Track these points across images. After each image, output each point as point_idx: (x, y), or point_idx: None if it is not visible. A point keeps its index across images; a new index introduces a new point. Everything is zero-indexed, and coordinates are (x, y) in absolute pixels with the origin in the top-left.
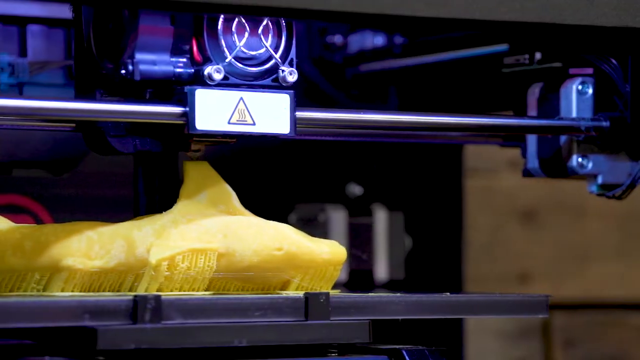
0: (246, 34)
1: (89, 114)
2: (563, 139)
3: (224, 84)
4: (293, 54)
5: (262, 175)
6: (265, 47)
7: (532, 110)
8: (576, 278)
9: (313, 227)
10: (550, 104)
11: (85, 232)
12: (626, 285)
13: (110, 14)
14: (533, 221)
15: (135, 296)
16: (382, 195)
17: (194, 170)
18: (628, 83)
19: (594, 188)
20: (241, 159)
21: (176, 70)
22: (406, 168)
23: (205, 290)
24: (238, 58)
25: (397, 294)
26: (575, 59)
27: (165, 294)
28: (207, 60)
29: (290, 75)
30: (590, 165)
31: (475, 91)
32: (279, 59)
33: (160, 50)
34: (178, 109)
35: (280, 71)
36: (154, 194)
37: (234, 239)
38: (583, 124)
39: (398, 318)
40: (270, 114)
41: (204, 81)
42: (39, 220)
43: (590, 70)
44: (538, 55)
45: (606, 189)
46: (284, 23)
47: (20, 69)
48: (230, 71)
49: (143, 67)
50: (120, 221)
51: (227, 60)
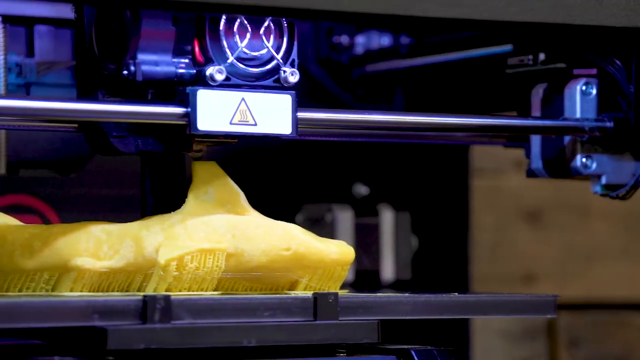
0: (248, 34)
1: (91, 114)
2: (567, 139)
3: (225, 85)
4: (295, 54)
5: (269, 175)
6: (267, 48)
7: (536, 110)
8: (581, 278)
9: (320, 227)
10: (554, 105)
11: (93, 232)
12: (631, 285)
13: (113, 14)
14: (538, 221)
15: (144, 296)
16: (389, 196)
17: (202, 170)
18: (632, 84)
19: (597, 188)
20: (248, 160)
21: (178, 70)
22: (412, 168)
23: (213, 291)
24: (240, 59)
25: (406, 294)
26: (579, 60)
27: (174, 294)
28: (209, 61)
29: (291, 75)
30: (594, 165)
31: (480, 92)
32: (281, 60)
33: (163, 51)
34: (180, 110)
35: (281, 72)
36: (160, 194)
37: (242, 239)
38: (587, 124)
39: (406, 318)
40: (271, 114)
41: (205, 82)
42: (46, 220)
43: (594, 71)
44: (542, 56)
45: (610, 190)
46: (286, 24)
47: (27, 69)
48: (232, 72)
49: (145, 68)
50: (128, 221)
51: (229, 60)
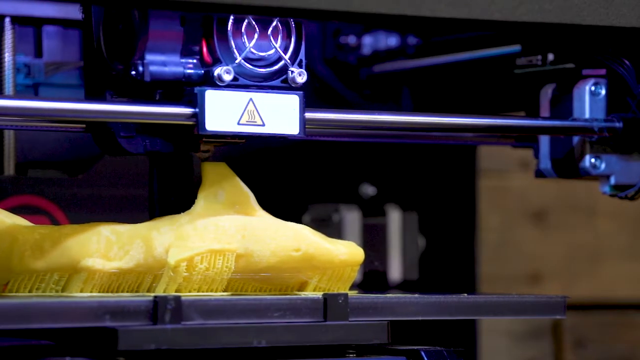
0: (256, 35)
1: (100, 114)
2: (576, 139)
3: (233, 85)
4: (302, 55)
5: (276, 175)
6: (275, 48)
7: (545, 111)
8: (587, 278)
9: (327, 228)
10: (563, 105)
11: (104, 233)
12: (637, 285)
13: (120, 14)
14: (544, 221)
15: (155, 297)
16: (396, 196)
17: (212, 171)
18: None
19: (606, 189)
20: (255, 160)
21: (186, 71)
22: (420, 168)
23: (222, 291)
24: (248, 59)
25: (415, 294)
26: (588, 60)
27: (184, 295)
28: (217, 61)
29: (299, 76)
30: (603, 166)
31: (488, 92)
32: (289, 60)
33: (171, 52)
34: (188, 110)
35: (289, 72)
36: (169, 194)
37: (252, 240)
38: (596, 124)
39: (416, 319)
40: (279, 114)
41: (213, 82)
42: (54, 221)
43: (603, 71)
44: (551, 56)
45: (619, 190)
46: (293, 24)
47: (36, 70)
48: (239, 72)
49: (153, 68)
50: (136, 221)
51: (237, 61)
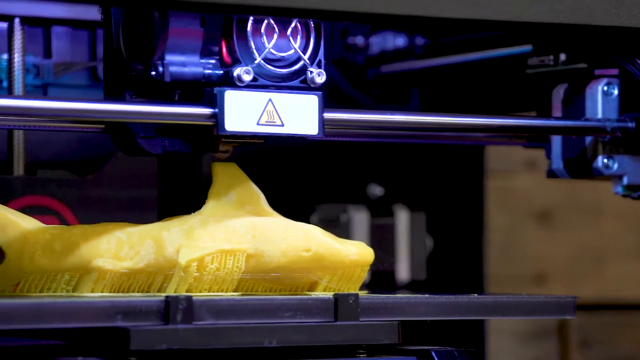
0: (275, 35)
1: (120, 115)
2: (588, 139)
3: (253, 85)
4: (321, 55)
5: (284, 176)
6: (294, 49)
7: (557, 111)
8: (593, 278)
9: (335, 228)
10: (575, 105)
11: (114, 233)
12: None
13: (140, 15)
14: (549, 222)
15: (166, 297)
16: (404, 196)
17: (222, 171)
18: None
19: (619, 189)
20: (263, 160)
21: (206, 71)
22: (427, 169)
23: (233, 291)
24: (267, 59)
25: (426, 295)
26: (600, 60)
27: (195, 295)
28: (237, 62)
29: (318, 76)
30: (615, 166)
31: (499, 92)
32: (308, 60)
33: (190, 52)
34: (207, 110)
35: (308, 72)
36: (177, 195)
37: (262, 240)
38: (609, 124)
39: (427, 319)
40: (298, 115)
41: (233, 82)
42: (63, 221)
43: (615, 71)
44: (563, 57)
45: (631, 190)
46: (312, 24)
47: (45, 70)
48: (259, 72)
49: (173, 69)
50: (145, 222)
51: (256, 61)
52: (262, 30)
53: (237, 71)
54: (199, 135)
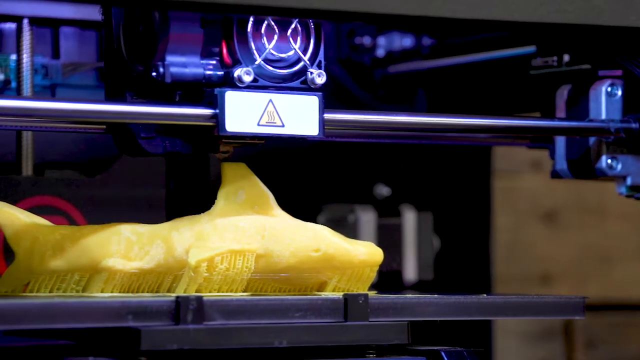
0: (275, 36)
1: (120, 116)
2: (592, 140)
3: (253, 86)
4: (321, 56)
5: (291, 176)
6: (294, 50)
7: (561, 112)
8: (598, 279)
9: (342, 228)
10: (579, 106)
11: (124, 234)
12: None
13: (141, 16)
14: (555, 222)
15: (177, 297)
16: (411, 196)
17: (232, 171)
18: None
19: (623, 189)
20: (270, 160)
21: (206, 72)
22: (434, 169)
23: (242, 292)
24: (267, 60)
25: (435, 295)
26: (604, 61)
27: (206, 295)
28: (237, 63)
29: (318, 77)
30: (619, 166)
31: (503, 93)
32: (308, 61)
33: (191, 53)
34: (208, 111)
35: (308, 73)
36: (185, 195)
37: (271, 241)
38: (612, 125)
39: (437, 319)
40: (299, 115)
41: (233, 83)
42: (72, 221)
43: (619, 72)
44: (566, 58)
45: (635, 191)
46: (313, 25)
47: (53, 71)
48: (259, 73)
49: (174, 70)
50: (153, 222)
51: (257, 62)
52: (263, 31)
53: (238, 72)
54: (200, 135)
